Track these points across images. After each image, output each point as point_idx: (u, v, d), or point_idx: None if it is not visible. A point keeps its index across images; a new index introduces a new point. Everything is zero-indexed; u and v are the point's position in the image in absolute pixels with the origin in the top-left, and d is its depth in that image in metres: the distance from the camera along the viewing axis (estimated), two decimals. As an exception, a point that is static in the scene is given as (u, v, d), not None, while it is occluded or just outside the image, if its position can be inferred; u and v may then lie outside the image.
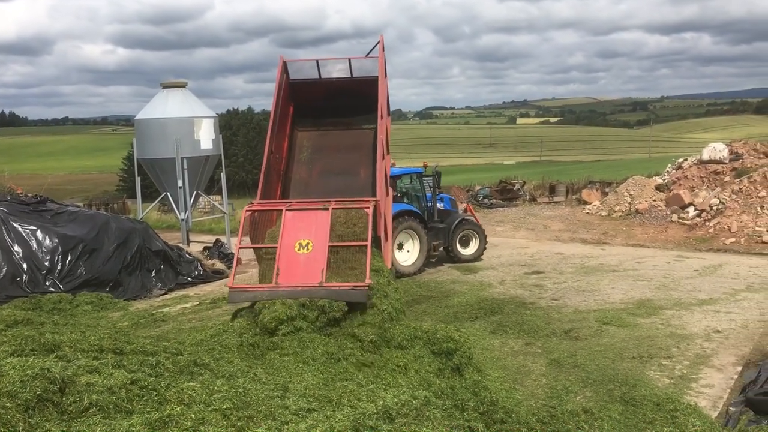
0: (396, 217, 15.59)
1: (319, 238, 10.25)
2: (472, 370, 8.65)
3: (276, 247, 10.15)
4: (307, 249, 10.24)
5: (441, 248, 17.63)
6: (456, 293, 14.38)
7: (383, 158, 11.82)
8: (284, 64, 13.01)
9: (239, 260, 18.83)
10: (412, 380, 8.06)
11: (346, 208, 10.61)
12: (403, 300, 10.48)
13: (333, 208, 10.43)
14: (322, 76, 13.27)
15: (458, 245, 18.01)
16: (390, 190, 13.52)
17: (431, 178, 17.95)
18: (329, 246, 10.05)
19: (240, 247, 11.52)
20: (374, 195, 11.41)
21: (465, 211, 19.83)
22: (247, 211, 10.91)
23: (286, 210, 10.65)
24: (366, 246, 9.98)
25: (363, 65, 13.20)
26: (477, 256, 18.18)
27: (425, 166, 18.19)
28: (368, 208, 10.42)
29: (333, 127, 13.43)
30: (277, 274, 10.05)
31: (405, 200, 17.16)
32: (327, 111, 13.38)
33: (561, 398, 8.28)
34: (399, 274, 15.66)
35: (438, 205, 18.08)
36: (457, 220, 18.03)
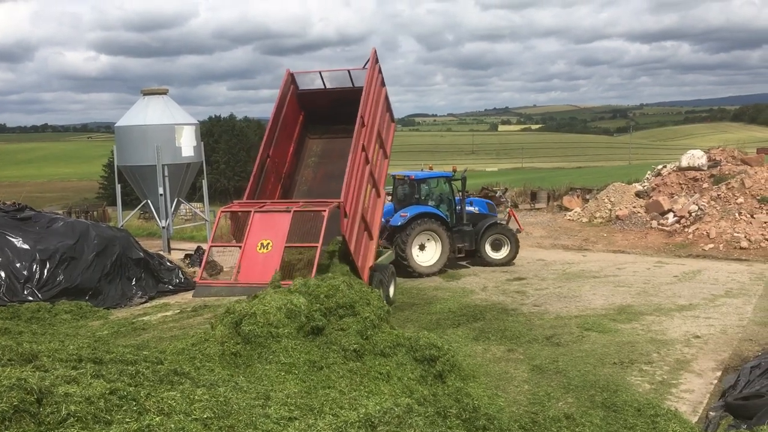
0: (415, 218, 16.89)
1: (278, 239, 11.23)
2: (454, 377, 8.65)
3: (241, 250, 11.17)
4: (267, 249, 11.20)
5: (465, 251, 18.07)
6: (438, 300, 14.40)
7: (357, 162, 12.51)
8: (291, 75, 14.18)
9: (221, 268, 18.78)
10: (395, 388, 8.06)
11: (306, 210, 11.55)
12: (386, 307, 10.49)
13: (294, 211, 11.43)
14: (327, 87, 14.32)
15: (489, 249, 18.22)
16: (383, 192, 14.03)
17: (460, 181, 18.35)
18: (285, 246, 11.07)
19: (211, 246, 12.66)
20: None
21: (507, 216, 20.19)
22: (222, 212, 12.36)
23: (255, 212, 11.55)
24: (316, 247, 10.98)
25: (361, 76, 13.98)
26: (508, 261, 18.25)
27: (454, 171, 18.49)
28: (325, 211, 11.27)
29: (338, 134, 14.18)
30: (238, 272, 11.18)
31: (430, 203, 17.91)
32: (332, 119, 14.16)
33: (543, 404, 8.31)
34: (418, 273, 16.83)
35: (472, 208, 18.51)
36: (487, 224, 18.20)
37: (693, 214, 21.26)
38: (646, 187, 24.93)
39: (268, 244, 11.28)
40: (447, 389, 8.25)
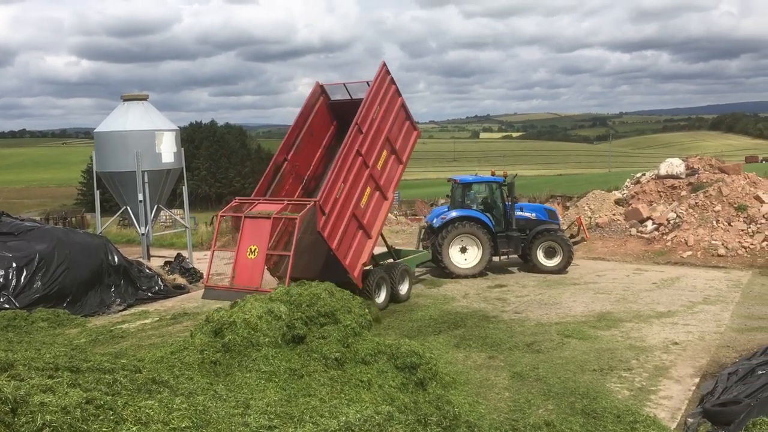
0: (453, 221, 17.61)
1: (262, 245, 12.29)
2: (435, 384, 8.67)
3: (236, 255, 12.33)
4: (254, 254, 12.28)
5: (509, 256, 18.31)
6: (420, 307, 14.40)
7: (347, 165, 13.32)
8: (321, 87, 15.49)
9: (201, 274, 18.62)
10: (376, 395, 8.04)
11: (281, 218, 12.55)
12: (367, 315, 10.48)
13: (273, 218, 12.33)
14: (353, 98, 15.19)
15: (542, 256, 18.15)
16: (390, 195, 14.88)
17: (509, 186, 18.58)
18: (267, 253, 12.29)
19: (214, 250, 14.25)
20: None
21: (574, 223, 20.18)
22: (221, 216, 13.86)
23: (245, 217, 12.60)
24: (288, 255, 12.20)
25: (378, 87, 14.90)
26: (560, 269, 18.03)
27: (504, 176, 18.60)
28: (296, 218, 12.17)
29: None
30: (233, 277, 12.42)
31: (476, 207, 18.27)
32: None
33: (524, 411, 8.33)
34: (456, 274, 17.49)
35: (528, 214, 18.60)
36: (537, 231, 18.16)
37: (671, 222, 21.47)
38: (625, 195, 25.14)
39: (255, 249, 12.28)
40: (428, 396, 8.26)
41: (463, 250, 17.80)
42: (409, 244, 21.32)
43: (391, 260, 16.20)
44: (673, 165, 24.64)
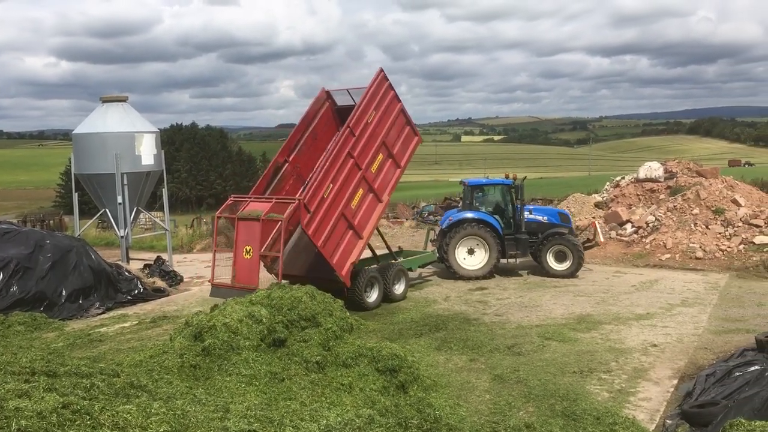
0: (459, 223, 17.78)
1: (255, 245, 13.03)
2: (416, 387, 8.67)
3: (234, 255, 13.25)
4: (250, 254, 13.09)
5: (518, 259, 18.31)
6: (401, 310, 14.40)
7: (336, 167, 13.77)
8: (327, 93, 16.16)
9: (181, 278, 18.51)
10: (357, 399, 8.03)
11: (266, 220, 13.08)
12: (349, 319, 10.47)
13: (262, 219, 12.93)
14: (357, 102, 15.38)
15: (551, 259, 18.03)
16: (385, 197, 15.19)
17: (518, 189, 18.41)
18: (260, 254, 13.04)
19: (216, 250, 15.01)
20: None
21: (589, 227, 20.10)
22: (218, 217, 14.42)
23: (238, 219, 13.36)
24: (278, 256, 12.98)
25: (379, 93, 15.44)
26: (570, 273, 17.80)
27: (514, 178, 18.56)
28: (280, 222, 12.80)
29: None
30: (234, 276, 13.24)
31: (484, 209, 18.28)
32: None
33: (504, 414, 8.35)
34: (462, 276, 17.58)
35: (539, 217, 18.54)
36: (547, 234, 18.08)
37: (650, 225, 21.67)
38: (605, 198, 25.34)
39: (250, 250, 13.14)
40: (409, 399, 8.25)
41: (471, 251, 17.84)
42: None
43: (393, 260, 16.53)
44: (652, 169, 24.89)
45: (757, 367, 8.37)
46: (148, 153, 19.15)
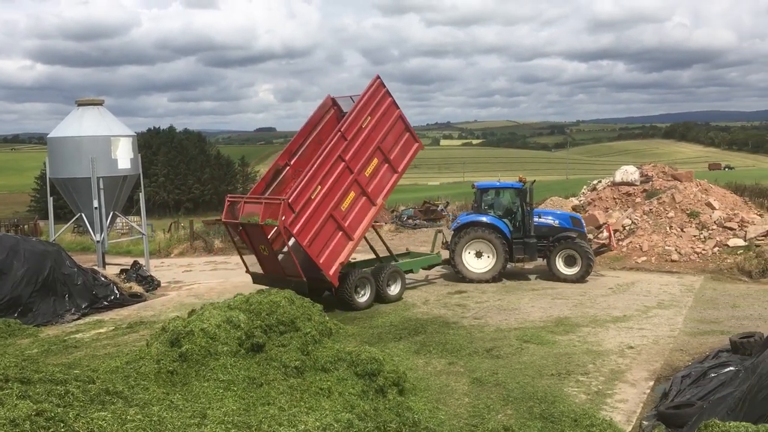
0: (466, 226, 17.89)
1: (267, 244, 14.28)
2: (395, 391, 8.66)
3: (253, 252, 15.06)
4: (266, 252, 14.53)
5: (526, 262, 18.30)
6: (380, 314, 14.40)
7: (325, 169, 14.26)
8: (333, 99, 16.70)
9: (158, 283, 18.38)
10: (336, 403, 7.99)
11: (252, 224, 14.04)
12: (328, 323, 10.44)
13: (259, 224, 13.80)
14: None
15: (561, 264, 17.78)
16: (379, 201, 15.58)
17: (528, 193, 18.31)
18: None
19: (239, 247, 15.94)
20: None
21: (602, 231, 19.85)
22: (224, 221, 15.20)
23: (240, 225, 14.51)
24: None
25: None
26: (578, 278, 17.49)
27: (523, 182, 18.44)
28: (265, 225, 13.79)
29: None
30: (264, 269, 15.10)
31: (492, 212, 18.29)
32: None
33: (483, 417, 8.38)
34: (469, 279, 17.64)
35: (550, 220, 18.34)
36: (557, 238, 17.88)
37: (627, 228, 21.88)
38: (582, 202, 25.56)
39: (264, 248, 14.45)
40: (388, 403, 8.24)
41: (479, 254, 17.84)
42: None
43: (395, 262, 16.90)
44: (628, 172, 25.13)
45: (731, 368, 8.48)
46: (124, 157, 18.98)
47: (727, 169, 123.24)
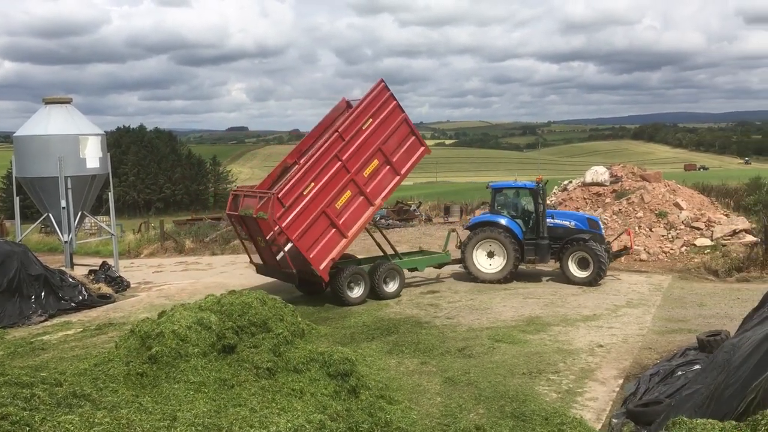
0: (477, 226, 18.06)
1: (263, 237, 14.81)
2: (368, 391, 8.64)
3: (254, 244, 15.91)
4: (264, 244, 15.00)
5: (537, 264, 18.19)
6: (353, 314, 14.38)
7: (319, 167, 14.67)
8: (347, 102, 17.05)
9: (128, 284, 18.15)
10: (308, 404, 7.96)
11: (248, 216, 14.79)
12: (300, 324, 10.39)
13: (254, 217, 14.45)
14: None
15: (573, 266, 17.36)
16: (378, 201, 15.89)
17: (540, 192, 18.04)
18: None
19: (243, 239, 17.28)
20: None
21: (624, 233, 19.58)
22: (228, 215, 16.22)
23: (240, 217, 15.25)
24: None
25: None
26: (590, 281, 17.01)
27: (539, 182, 18.14)
28: (262, 220, 14.21)
29: None
30: (263, 260, 15.82)
31: (506, 212, 18.20)
32: None
33: (455, 416, 8.41)
34: (479, 279, 17.69)
35: (565, 222, 18.08)
36: (569, 240, 17.50)
37: (597, 228, 22.13)
38: (553, 202, 25.78)
39: (262, 240, 14.95)
40: (361, 404, 8.22)
41: (491, 255, 17.79)
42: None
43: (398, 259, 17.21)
44: (598, 173, 25.42)
45: (698, 366, 8.62)
46: (93, 156, 18.71)
47: (701, 170, 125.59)
